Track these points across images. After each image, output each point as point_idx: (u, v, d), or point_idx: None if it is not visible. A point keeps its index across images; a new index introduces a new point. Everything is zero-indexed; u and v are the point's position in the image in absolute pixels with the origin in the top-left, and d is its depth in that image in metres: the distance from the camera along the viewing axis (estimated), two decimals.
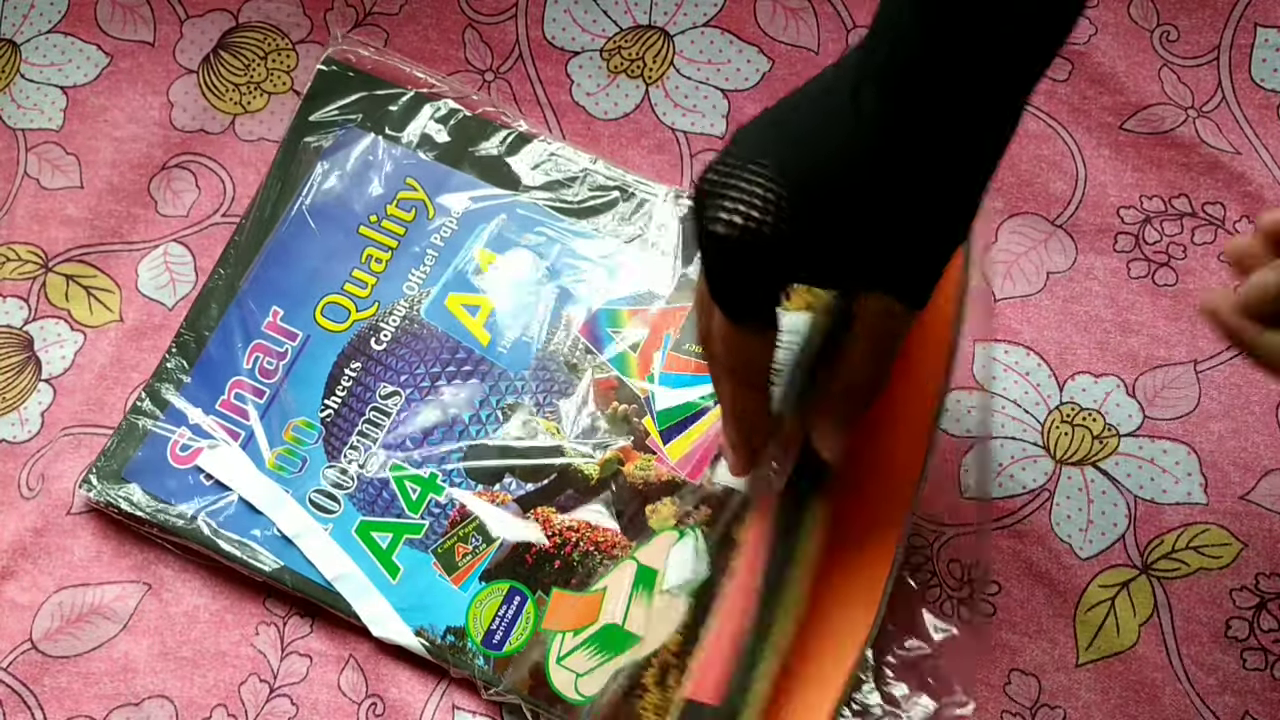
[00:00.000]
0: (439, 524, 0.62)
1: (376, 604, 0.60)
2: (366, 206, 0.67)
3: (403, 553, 0.61)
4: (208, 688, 0.61)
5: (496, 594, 0.60)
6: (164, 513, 0.62)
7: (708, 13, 0.71)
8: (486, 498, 0.62)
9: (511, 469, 0.62)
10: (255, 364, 0.64)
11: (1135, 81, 0.68)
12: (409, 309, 0.65)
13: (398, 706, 0.60)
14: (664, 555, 0.59)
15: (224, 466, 0.62)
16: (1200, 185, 0.67)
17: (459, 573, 0.61)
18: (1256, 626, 0.60)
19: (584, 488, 0.62)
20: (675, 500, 0.61)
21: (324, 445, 0.63)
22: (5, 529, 0.64)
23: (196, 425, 0.63)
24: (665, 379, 0.63)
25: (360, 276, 0.66)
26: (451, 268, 0.66)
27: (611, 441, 0.62)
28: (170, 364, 0.65)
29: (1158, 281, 0.65)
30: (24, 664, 0.61)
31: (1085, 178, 0.67)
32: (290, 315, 0.65)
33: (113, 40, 0.72)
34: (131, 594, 0.62)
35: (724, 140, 0.69)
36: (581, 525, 0.61)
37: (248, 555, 0.61)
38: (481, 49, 0.71)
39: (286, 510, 0.62)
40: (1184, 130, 0.68)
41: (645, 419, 0.63)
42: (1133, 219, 0.67)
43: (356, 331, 0.65)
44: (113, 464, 0.63)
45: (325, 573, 0.60)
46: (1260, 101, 0.68)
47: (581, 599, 0.60)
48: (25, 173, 0.70)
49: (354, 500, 0.62)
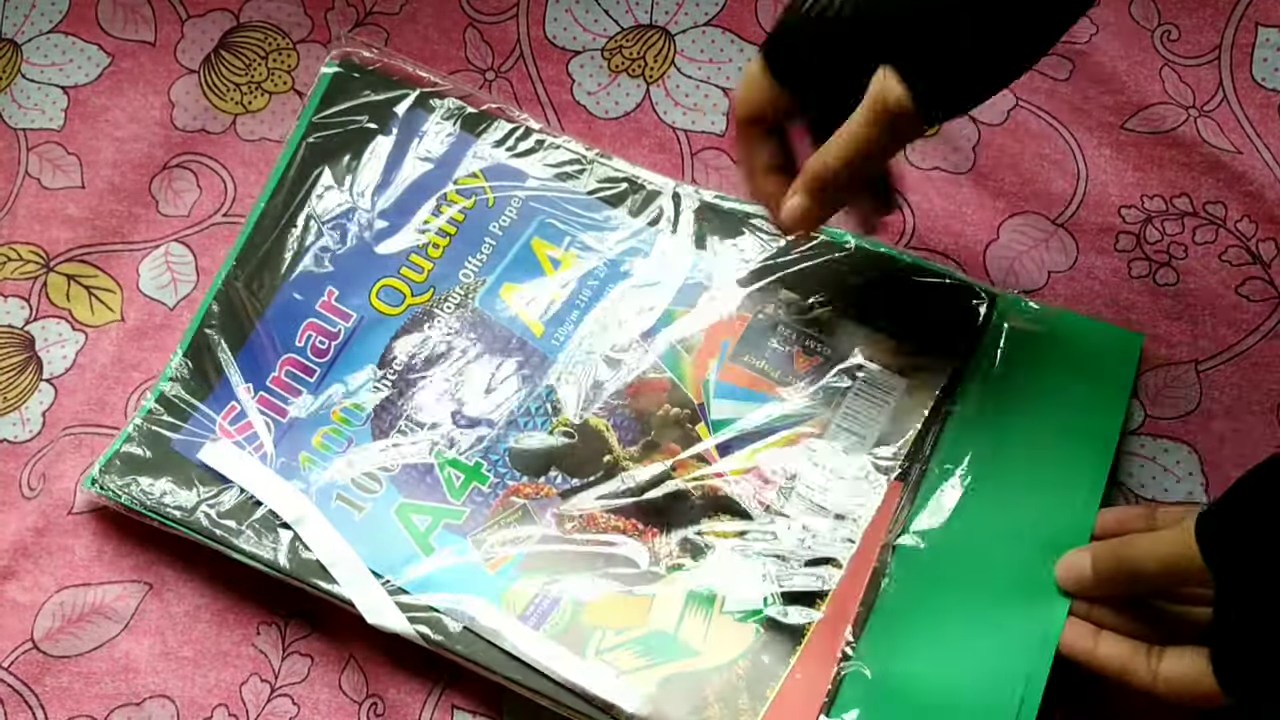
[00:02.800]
0: (480, 511, 0.61)
1: (373, 592, 0.59)
2: (427, 191, 0.67)
3: (440, 535, 0.61)
4: (209, 687, 0.61)
5: (534, 583, 0.59)
6: (163, 506, 0.61)
7: (709, 12, 0.71)
8: (530, 490, 0.61)
9: (558, 462, 0.62)
10: (308, 343, 0.64)
11: (1136, 81, 0.68)
12: (464, 296, 0.65)
13: (398, 706, 0.60)
14: (723, 575, 0.59)
15: (225, 459, 0.62)
16: (1201, 184, 0.67)
17: (496, 560, 0.60)
18: None
19: (633, 489, 0.61)
20: (738, 522, 0.60)
21: (371, 427, 0.63)
22: (6, 529, 0.64)
23: (245, 402, 0.63)
24: (721, 389, 0.62)
25: (417, 261, 0.66)
26: (509, 257, 0.65)
27: (661, 444, 0.62)
28: (175, 362, 0.64)
29: (1159, 281, 0.65)
30: (25, 663, 0.61)
31: (1086, 177, 0.67)
32: (344, 296, 0.65)
33: (114, 40, 0.72)
34: (133, 594, 0.62)
35: (723, 139, 0.69)
36: (629, 527, 0.60)
37: (246, 543, 0.60)
38: (482, 48, 0.71)
39: (286, 497, 0.61)
40: (1185, 129, 0.68)
41: (699, 426, 0.62)
42: (1134, 219, 0.66)
43: (410, 316, 0.65)
44: (116, 462, 0.63)
45: (323, 558, 0.60)
46: (1261, 101, 0.68)
47: (627, 600, 0.59)
48: (26, 172, 0.70)
49: (396, 482, 0.62)
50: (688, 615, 0.58)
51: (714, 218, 0.66)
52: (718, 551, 0.59)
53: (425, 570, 0.59)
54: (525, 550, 0.60)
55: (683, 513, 0.60)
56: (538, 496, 0.61)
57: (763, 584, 0.58)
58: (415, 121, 0.68)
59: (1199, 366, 0.64)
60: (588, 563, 0.60)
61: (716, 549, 0.59)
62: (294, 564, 0.60)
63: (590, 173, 0.67)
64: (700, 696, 0.56)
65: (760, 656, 0.57)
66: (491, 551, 0.60)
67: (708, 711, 0.56)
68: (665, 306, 0.64)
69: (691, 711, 0.56)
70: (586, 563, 0.60)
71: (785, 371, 0.62)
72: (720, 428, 0.61)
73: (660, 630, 0.58)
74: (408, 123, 0.68)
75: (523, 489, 0.61)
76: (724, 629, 0.58)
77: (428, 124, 0.68)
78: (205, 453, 0.62)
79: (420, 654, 0.60)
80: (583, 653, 0.58)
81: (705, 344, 0.63)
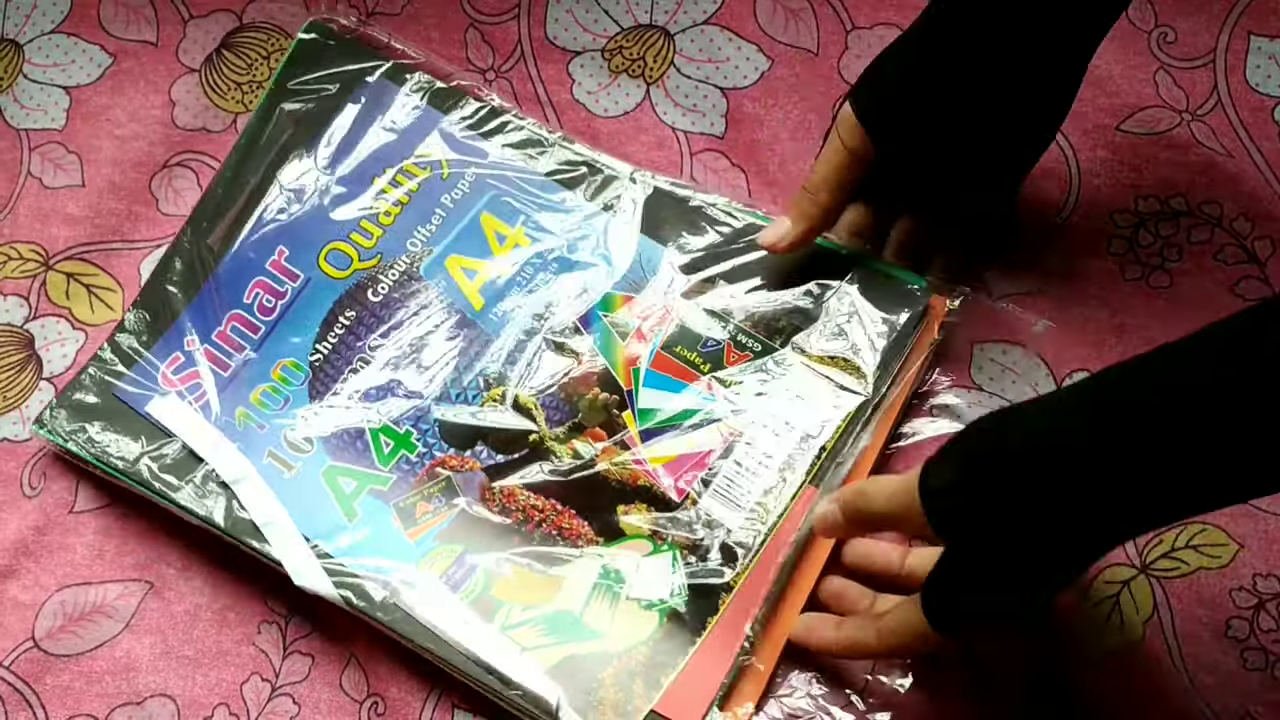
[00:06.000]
0: (406, 480, 0.62)
1: (301, 554, 0.60)
2: (386, 161, 0.68)
3: (364, 500, 0.62)
4: (210, 686, 0.61)
5: (449, 555, 0.60)
6: (107, 455, 0.62)
7: (708, 10, 0.71)
8: (456, 462, 0.62)
9: (485, 437, 0.63)
10: (255, 300, 0.65)
11: (1131, 83, 0.69)
12: (410, 265, 0.66)
13: (398, 706, 0.60)
14: (634, 563, 0.60)
15: (172, 414, 0.63)
16: (1196, 184, 0.67)
17: (416, 529, 0.61)
18: (1256, 626, 0.60)
19: (556, 469, 0.62)
20: (653, 512, 0.61)
21: (308, 388, 0.64)
22: (7, 527, 0.64)
23: (190, 354, 0.64)
24: (651, 377, 0.63)
25: (367, 226, 0.67)
26: (457, 230, 0.66)
27: (587, 427, 0.63)
28: (131, 317, 0.66)
29: (1152, 285, 0.66)
30: (26, 662, 0.61)
31: (1080, 180, 0.68)
32: (295, 256, 0.66)
33: (116, 40, 0.72)
34: (133, 593, 0.62)
35: (722, 140, 0.69)
36: (548, 507, 0.61)
37: (184, 499, 0.61)
38: (483, 49, 0.72)
39: (227, 457, 0.62)
40: (1179, 132, 0.68)
41: (626, 414, 0.63)
42: (1126, 222, 0.67)
43: (356, 280, 0.66)
44: (64, 408, 0.64)
45: (256, 518, 0.61)
46: (1255, 105, 0.69)
47: (538, 578, 0.60)
48: (29, 173, 0.70)
49: (327, 444, 0.63)
50: (595, 598, 0.59)
51: (666, 205, 0.66)
52: (631, 538, 0.60)
53: (349, 535, 0.61)
54: (445, 521, 0.61)
55: (601, 496, 0.61)
56: (463, 469, 0.62)
57: (671, 574, 0.59)
58: (384, 92, 0.69)
59: None
60: (504, 539, 0.61)
61: (630, 535, 0.60)
62: (229, 522, 0.61)
63: (551, 154, 0.67)
64: (596, 679, 0.58)
65: (661, 645, 0.58)
66: (413, 520, 0.61)
67: (601, 693, 0.57)
68: (606, 291, 0.65)
69: (586, 693, 0.57)
70: (503, 539, 0.61)
71: (715, 365, 0.63)
72: (646, 416, 0.63)
73: (566, 610, 0.59)
74: (376, 93, 0.69)
75: (449, 461, 0.62)
76: (628, 615, 0.59)
77: (396, 96, 0.69)
78: (153, 406, 0.63)
79: (421, 654, 0.60)
80: (490, 626, 0.59)
81: (639, 331, 0.64)
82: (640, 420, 0.62)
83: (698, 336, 0.64)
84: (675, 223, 0.66)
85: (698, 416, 0.62)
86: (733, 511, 0.60)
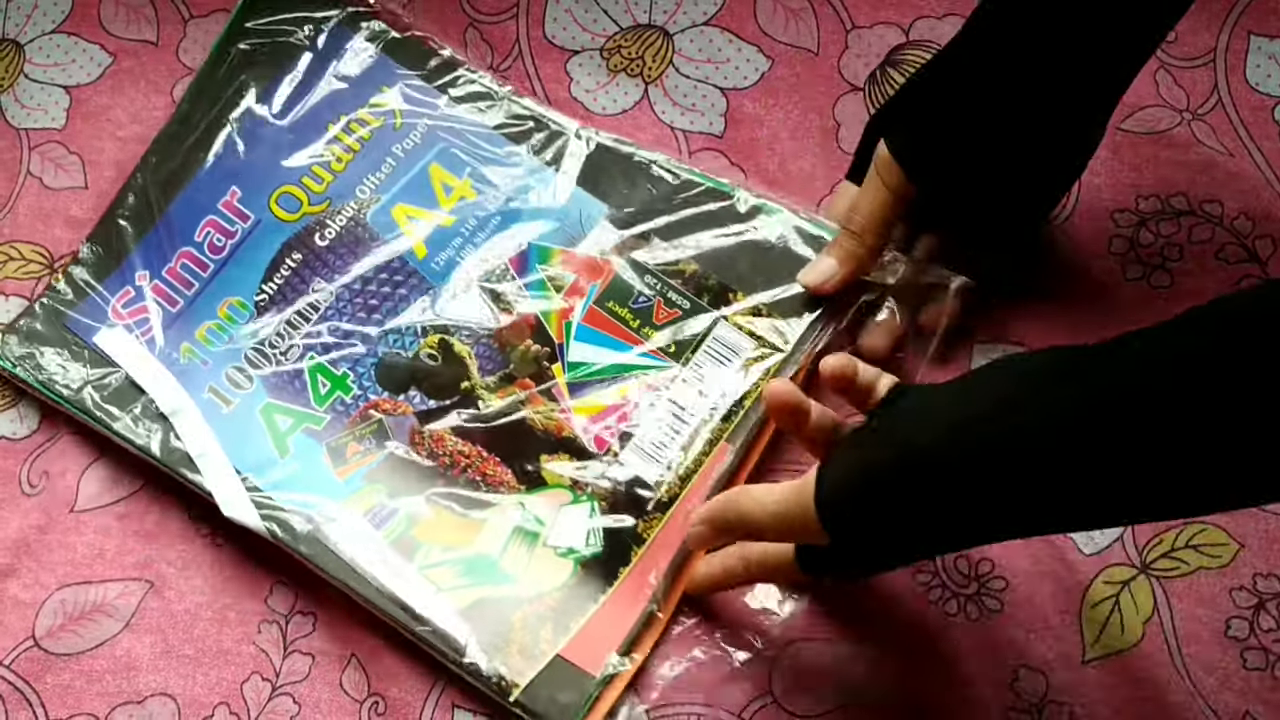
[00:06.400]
0: (340, 420, 0.64)
1: (232, 486, 0.62)
2: (339, 109, 0.69)
3: (298, 438, 0.63)
4: (210, 686, 0.61)
5: (376, 494, 0.62)
6: (53, 382, 0.64)
7: (708, 11, 0.71)
8: (389, 406, 0.64)
9: (419, 382, 0.64)
10: (206, 239, 0.67)
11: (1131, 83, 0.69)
12: (357, 211, 0.67)
13: (399, 705, 0.60)
14: (553, 511, 0.61)
15: (117, 345, 0.65)
16: (1197, 183, 0.67)
17: (346, 468, 0.63)
18: (1256, 626, 0.60)
19: (483, 417, 0.63)
20: (575, 462, 0.62)
21: (251, 327, 0.65)
22: (8, 526, 0.64)
23: (139, 289, 0.66)
24: (582, 331, 0.65)
25: (319, 172, 0.68)
26: (405, 179, 0.68)
27: (517, 377, 0.64)
28: (85, 250, 0.67)
29: (1153, 284, 0.66)
30: (26, 661, 0.61)
31: (1081, 180, 0.67)
32: (246, 198, 0.67)
33: (116, 40, 0.72)
34: (134, 591, 0.62)
35: (721, 139, 0.69)
36: (474, 454, 0.63)
37: (123, 428, 0.63)
38: (482, 47, 0.72)
39: (167, 389, 0.64)
40: (1179, 131, 0.68)
41: (555, 366, 0.64)
42: (1127, 222, 0.67)
43: (305, 224, 0.67)
44: (14, 334, 0.65)
45: (190, 449, 0.62)
46: (1255, 104, 0.68)
47: (459, 521, 0.62)
48: (29, 171, 0.70)
49: (266, 382, 0.64)
50: (513, 544, 0.61)
51: (609, 161, 0.67)
52: (552, 486, 0.62)
53: (279, 470, 0.63)
54: (374, 462, 0.63)
55: (526, 445, 0.63)
56: (395, 413, 0.64)
57: (588, 523, 0.61)
58: (339, 39, 0.70)
59: None
60: (429, 482, 0.62)
61: (551, 484, 0.62)
62: (164, 453, 0.63)
63: (500, 108, 0.69)
64: (507, 622, 0.59)
65: (573, 592, 0.60)
66: (343, 460, 0.63)
67: (510, 635, 0.59)
68: (544, 244, 0.66)
69: (495, 635, 0.59)
70: (428, 482, 0.62)
71: (645, 321, 0.64)
72: (575, 369, 0.64)
73: (484, 554, 0.61)
74: (332, 39, 0.70)
75: (382, 404, 0.64)
76: (544, 561, 0.61)
77: (351, 43, 0.70)
78: (100, 337, 0.65)
79: (421, 653, 0.60)
80: (409, 565, 0.60)
81: (574, 285, 0.65)
82: (569, 372, 0.64)
83: (630, 292, 0.65)
84: (616, 179, 0.67)
85: (625, 370, 0.64)
86: (650, 465, 0.62)
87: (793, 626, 0.60)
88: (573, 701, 0.58)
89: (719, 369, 0.63)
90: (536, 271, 0.66)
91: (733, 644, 0.60)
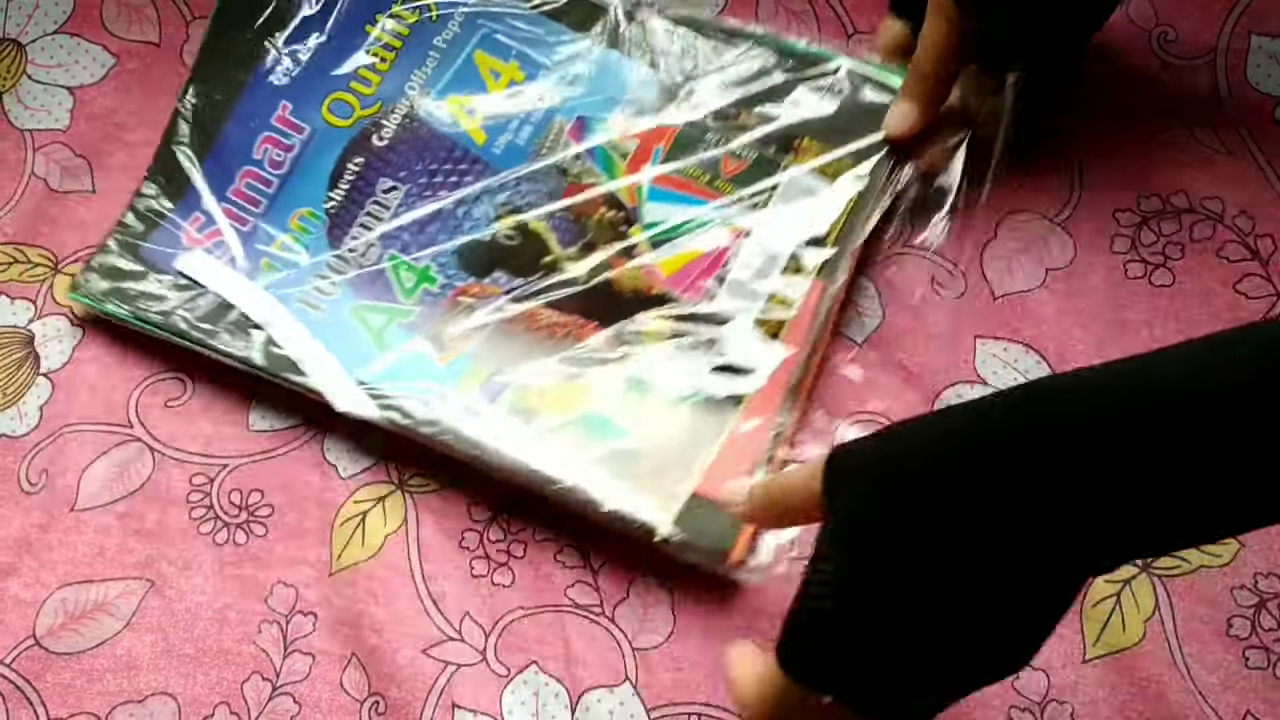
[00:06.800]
0: (431, 310, 0.65)
1: (342, 382, 0.63)
2: (374, 7, 0.69)
3: (393, 331, 0.64)
4: (211, 685, 0.61)
5: (482, 373, 0.63)
6: (144, 312, 0.65)
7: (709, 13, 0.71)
8: (477, 290, 0.65)
9: (501, 263, 0.65)
10: (265, 155, 0.67)
11: (1132, 82, 0.69)
12: (410, 108, 0.68)
13: (399, 705, 0.60)
14: (658, 363, 0.63)
15: (199, 267, 0.66)
16: (1198, 182, 0.67)
17: (447, 354, 0.64)
18: (1258, 625, 0.60)
19: (570, 284, 0.64)
20: (670, 313, 0.63)
21: (327, 235, 0.66)
22: (9, 524, 0.64)
23: (209, 212, 0.67)
24: (653, 193, 0.66)
25: (365, 74, 0.68)
26: (452, 70, 0.68)
27: (597, 244, 0.65)
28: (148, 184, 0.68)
29: (1154, 283, 0.66)
30: (26, 660, 0.61)
31: (1082, 179, 0.68)
32: (298, 110, 0.68)
33: (119, 41, 0.73)
34: (134, 590, 0.63)
35: None
36: (570, 322, 0.64)
37: (222, 343, 0.64)
38: None
39: (258, 300, 0.65)
40: (1179, 131, 0.68)
41: (634, 228, 0.65)
42: (1128, 221, 0.67)
43: (360, 128, 0.68)
44: (94, 273, 0.66)
45: (292, 353, 0.63)
46: (1255, 103, 0.68)
47: (567, 386, 0.63)
48: (33, 173, 0.71)
49: (351, 285, 0.65)
50: (625, 400, 0.62)
51: (654, 25, 0.68)
52: (652, 340, 0.63)
53: (382, 364, 0.63)
54: (474, 345, 0.64)
55: (619, 306, 0.64)
56: (484, 296, 0.64)
57: (694, 368, 0.62)
58: None
59: None
60: (531, 354, 0.63)
61: (651, 338, 0.63)
62: (268, 360, 0.64)
63: None
64: (636, 471, 0.61)
65: (694, 434, 0.61)
66: (443, 346, 0.64)
67: (643, 482, 0.60)
68: (601, 114, 0.67)
69: (628, 484, 0.60)
70: (530, 354, 0.63)
71: (714, 175, 0.65)
72: (654, 228, 0.65)
73: (599, 413, 0.62)
74: None
75: (470, 289, 0.65)
76: (658, 411, 0.62)
77: None
78: (181, 261, 0.66)
79: (420, 652, 0.60)
80: (525, 434, 0.62)
81: (638, 150, 0.66)
82: (647, 231, 0.65)
83: (695, 149, 0.66)
84: (664, 42, 0.68)
85: (704, 222, 0.65)
86: (746, 302, 0.63)
87: None
88: (721, 530, 0.59)
89: (798, 207, 0.64)
90: (599, 141, 0.67)
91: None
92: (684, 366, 0.63)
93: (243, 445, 0.65)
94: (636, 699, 0.59)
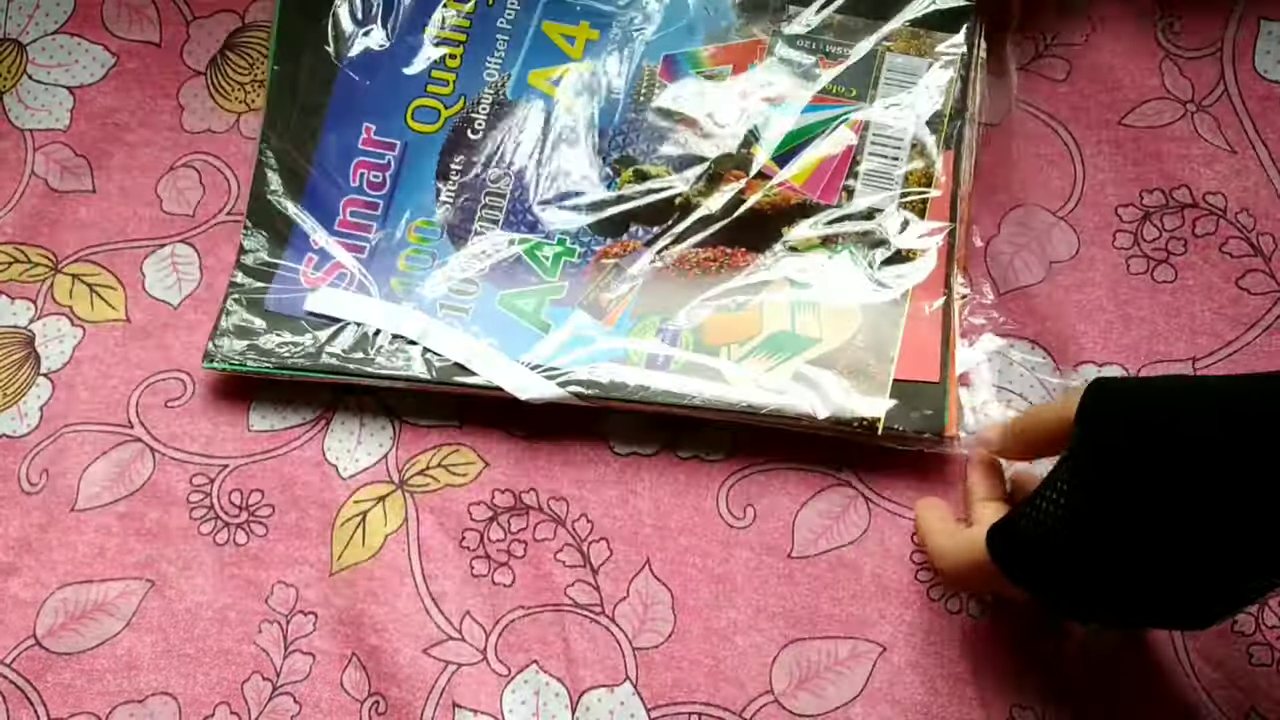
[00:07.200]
0: (579, 281, 0.65)
1: (518, 372, 0.63)
2: (428, 6, 0.69)
3: (548, 311, 0.64)
4: (211, 685, 0.61)
5: (650, 327, 0.63)
6: (288, 360, 0.64)
7: None
8: (618, 249, 0.65)
9: (634, 217, 0.65)
10: (362, 180, 0.67)
11: (1135, 75, 0.68)
12: (495, 94, 0.68)
13: (399, 705, 0.60)
14: (818, 272, 0.63)
15: (332, 302, 0.65)
16: (1201, 177, 0.67)
17: (609, 316, 0.64)
18: (1261, 623, 0.59)
19: (708, 220, 0.65)
20: (814, 221, 0.64)
21: (449, 238, 0.66)
22: (9, 524, 0.64)
23: (321, 249, 0.66)
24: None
25: (439, 75, 0.68)
26: (525, 46, 0.68)
27: (723, 174, 0.65)
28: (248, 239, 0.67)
29: (1156, 278, 0.65)
30: (27, 660, 0.61)
31: (1084, 174, 0.67)
32: (382, 128, 0.68)
33: (119, 41, 0.73)
34: (135, 590, 0.63)
35: None
36: (719, 254, 0.64)
37: (380, 369, 0.63)
38: None
39: (404, 317, 0.64)
40: (1183, 124, 0.68)
41: (754, 148, 0.65)
42: (1131, 217, 0.66)
43: (451, 127, 0.68)
44: (226, 336, 0.65)
45: (458, 358, 0.63)
46: (1263, 93, 0.68)
47: (740, 315, 0.63)
48: (33, 173, 0.71)
49: (490, 279, 0.65)
50: (798, 315, 0.63)
51: None
52: (805, 251, 0.64)
53: (549, 344, 0.63)
54: (632, 302, 0.64)
55: (763, 227, 0.65)
56: (626, 253, 0.65)
57: (855, 266, 0.63)
58: None
59: (1195, 365, 0.64)
60: (693, 294, 0.64)
61: (805, 249, 0.64)
62: (432, 371, 0.63)
63: None
64: (832, 374, 0.61)
65: (875, 327, 0.62)
66: (602, 311, 0.64)
67: (843, 383, 0.61)
68: (686, 49, 0.67)
69: (831, 388, 0.61)
70: (692, 294, 0.64)
71: (814, 78, 0.66)
72: (773, 144, 0.65)
73: (778, 332, 0.63)
74: None
75: (610, 250, 0.65)
76: (834, 317, 0.63)
77: None
78: (310, 302, 0.65)
79: (420, 651, 0.60)
80: (719, 369, 0.62)
81: (735, 72, 0.67)
82: (768, 150, 0.65)
83: (790, 61, 0.67)
84: None
85: (819, 125, 0.66)
86: (883, 193, 0.64)
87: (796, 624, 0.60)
88: (933, 408, 0.60)
89: (906, 90, 0.66)
90: (691, 76, 0.67)
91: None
92: (843, 270, 0.63)
93: (243, 445, 0.65)
94: (636, 699, 0.59)
